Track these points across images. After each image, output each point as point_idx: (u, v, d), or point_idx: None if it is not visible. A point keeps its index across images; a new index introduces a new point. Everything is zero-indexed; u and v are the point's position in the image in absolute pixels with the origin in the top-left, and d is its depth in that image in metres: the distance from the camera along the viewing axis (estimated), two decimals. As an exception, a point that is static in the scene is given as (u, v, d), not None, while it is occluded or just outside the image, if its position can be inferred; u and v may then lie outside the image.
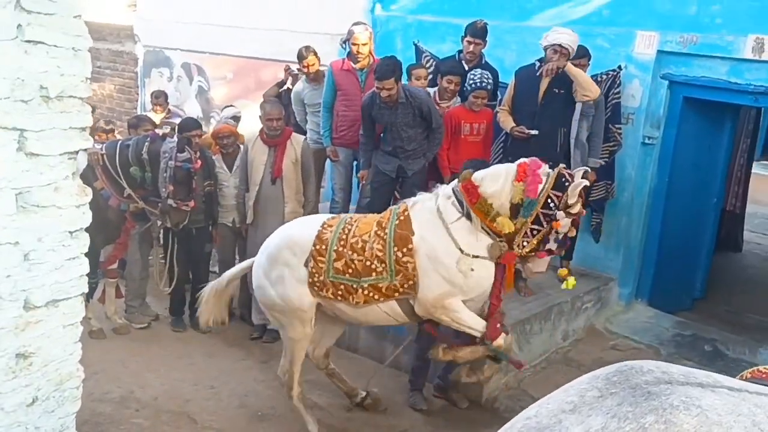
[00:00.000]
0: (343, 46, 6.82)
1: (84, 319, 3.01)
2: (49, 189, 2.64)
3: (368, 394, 5.34)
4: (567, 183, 4.12)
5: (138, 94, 10.33)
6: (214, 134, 6.84)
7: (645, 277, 6.73)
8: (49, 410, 2.79)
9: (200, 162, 6.10)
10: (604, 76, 6.27)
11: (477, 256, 4.32)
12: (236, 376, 5.80)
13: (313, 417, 4.99)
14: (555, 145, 5.81)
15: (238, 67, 9.23)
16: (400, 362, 5.83)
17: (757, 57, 5.72)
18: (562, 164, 4.29)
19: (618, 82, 6.28)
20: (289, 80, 7.46)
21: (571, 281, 6.25)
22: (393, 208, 4.61)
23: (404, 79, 6.07)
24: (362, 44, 6.44)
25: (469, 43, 6.31)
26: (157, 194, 5.99)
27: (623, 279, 6.69)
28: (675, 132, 6.39)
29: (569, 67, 5.67)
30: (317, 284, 4.54)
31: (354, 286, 4.45)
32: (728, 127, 6.79)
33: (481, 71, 6.09)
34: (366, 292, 4.44)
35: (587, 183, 4.18)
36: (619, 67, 6.29)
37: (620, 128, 6.29)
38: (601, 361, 5.98)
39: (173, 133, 6.25)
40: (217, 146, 6.68)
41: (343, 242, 4.49)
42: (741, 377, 1.80)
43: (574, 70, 5.69)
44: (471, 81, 6.02)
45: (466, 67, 6.26)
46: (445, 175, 5.88)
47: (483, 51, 6.40)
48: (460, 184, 4.36)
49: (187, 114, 8.53)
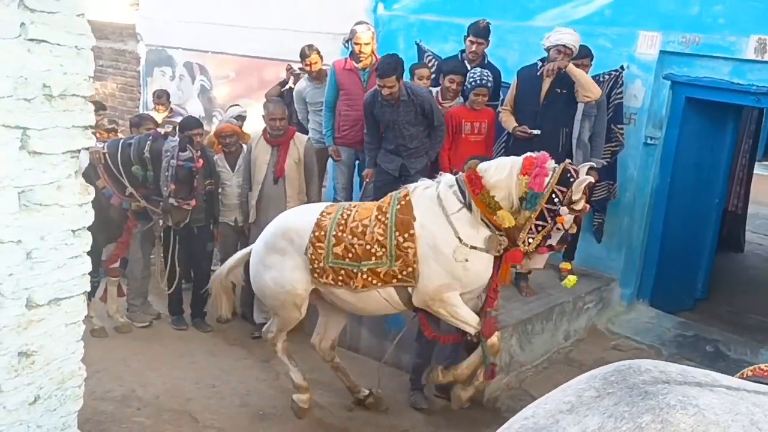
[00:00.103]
0: (346, 45, 6.82)
1: (86, 318, 3.02)
2: (52, 187, 2.64)
3: (371, 393, 5.33)
4: (572, 179, 4.10)
5: (140, 93, 10.33)
6: (216, 133, 6.84)
7: (647, 278, 6.73)
8: (51, 409, 2.79)
9: (202, 161, 6.11)
10: (606, 76, 6.27)
11: (474, 248, 4.30)
12: (238, 375, 5.80)
13: (298, 368, 5.05)
14: (557, 145, 5.80)
15: (241, 66, 9.23)
16: (401, 361, 5.84)
17: (760, 58, 5.71)
18: (568, 159, 4.27)
19: (620, 82, 6.27)
20: (291, 79, 7.46)
21: (572, 279, 6.26)
22: (394, 194, 4.59)
23: (407, 78, 6.07)
24: (365, 44, 6.45)
25: (472, 42, 6.31)
26: (158, 193, 5.99)
27: (625, 279, 6.68)
28: (677, 132, 6.39)
29: (571, 68, 5.67)
30: (317, 270, 4.55)
31: (354, 270, 4.45)
32: (730, 127, 6.79)
33: (480, 69, 6.10)
34: (365, 276, 4.43)
35: (592, 180, 4.16)
36: (622, 67, 6.28)
37: (622, 128, 6.29)
38: (603, 362, 5.91)
39: (175, 132, 6.25)
40: (220, 145, 6.68)
41: (342, 227, 4.50)
42: (742, 375, 1.79)
43: (576, 71, 5.68)
44: (471, 79, 6.03)
45: (469, 67, 6.26)
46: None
47: (485, 51, 6.40)
48: (464, 174, 4.34)
49: (189, 113, 8.53)
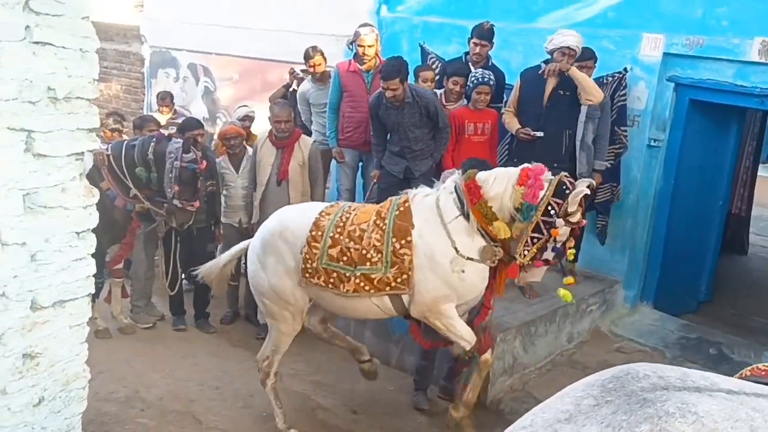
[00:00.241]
0: (350, 47, 6.83)
1: (90, 319, 3.02)
2: (57, 190, 2.65)
3: (372, 359, 5.24)
4: (568, 191, 4.07)
5: (144, 94, 10.35)
6: (220, 135, 6.85)
7: (650, 280, 6.72)
8: (56, 410, 2.80)
9: (205, 163, 6.13)
10: (609, 78, 6.27)
11: (471, 259, 4.29)
12: (241, 376, 5.80)
13: (282, 410, 4.95)
14: (560, 147, 5.81)
15: (244, 68, 9.25)
16: (405, 363, 5.84)
17: (764, 60, 5.71)
18: (564, 172, 4.24)
19: (624, 84, 6.27)
20: (294, 83, 7.47)
21: (569, 295, 6.00)
22: (393, 199, 4.55)
23: (411, 81, 6.07)
24: (368, 46, 6.46)
25: (476, 44, 6.32)
26: (162, 194, 6.00)
27: (628, 281, 6.67)
28: (681, 134, 6.38)
29: (573, 71, 5.67)
30: (309, 270, 4.48)
31: (347, 274, 4.39)
32: (734, 129, 6.77)
33: (482, 69, 6.11)
34: (357, 281, 4.38)
35: (588, 192, 4.12)
36: (625, 69, 6.28)
37: (626, 130, 6.29)
38: (606, 364, 5.92)
39: (179, 133, 6.27)
40: (224, 147, 6.69)
41: (340, 229, 4.45)
42: (740, 375, 1.78)
43: (578, 74, 5.68)
44: (473, 78, 6.04)
45: (473, 69, 6.27)
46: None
47: (489, 53, 6.40)
48: (463, 182, 4.31)
49: (193, 114, 8.55)
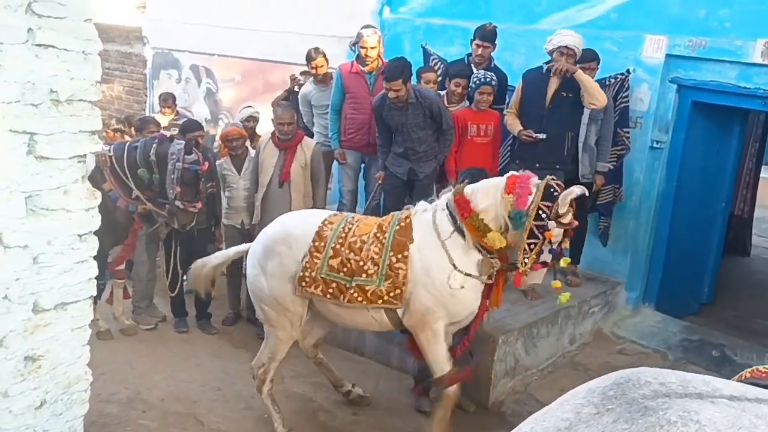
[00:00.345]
0: (352, 48, 6.83)
1: (91, 320, 3.02)
2: (59, 192, 2.65)
3: (353, 388, 5.35)
4: (556, 193, 4.09)
5: (147, 95, 10.36)
6: (222, 137, 6.85)
7: (652, 282, 6.70)
8: (57, 413, 2.80)
9: (207, 164, 6.13)
10: (612, 80, 6.25)
11: (469, 275, 4.32)
12: (243, 378, 5.77)
13: (280, 415, 4.95)
14: (562, 149, 5.80)
15: (247, 69, 9.24)
16: (406, 365, 5.83)
17: (767, 61, 5.69)
18: (550, 176, 4.27)
19: (626, 85, 6.26)
20: (296, 88, 7.47)
21: (566, 296, 6.00)
22: (396, 214, 4.60)
23: (414, 82, 6.07)
24: (371, 47, 6.46)
25: (478, 46, 6.31)
26: (164, 196, 5.99)
27: (631, 283, 6.66)
28: (683, 136, 6.36)
29: (579, 74, 5.66)
30: (306, 279, 4.49)
31: (346, 285, 4.43)
32: (737, 131, 6.76)
33: (484, 71, 6.11)
34: (352, 292, 4.41)
35: (578, 192, 4.12)
36: (628, 70, 6.26)
37: (628, 132, 6.27)
38: (608, 366, 5.97)
39: (180, 135, 6.27)
40: (226, 148, 6.69)
41: (341, 240, 4.47)
42: (740, 377, 1.77)
43: (583, 77, 5.68)
44: (475, 79, 6.05)
45: (475, 70, 6.26)
46: (451, 179, 5.86)
47: (492, 54, 6.40)
48: (452, 198, 4.36)
49: (196, 116, 8.55)
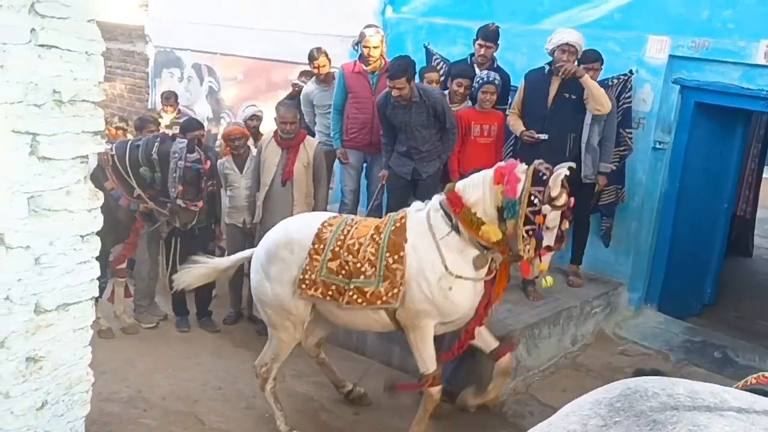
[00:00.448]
0: (355, 48, 6.83)
1: (93, 319, 3.01)
2: (61, 193, 2.64)
3: (354, 388, 5.39)
4: (545, 177, 4.09)
5: (149, 94, 10.36)
6: (224, 136, 6.84)
7: (655, 282, 6.69)
8: (59, 414, 2.80)
9: (209, 163, 6.12)
10: (615, 80, 6.24)
11: (460, 277, 4.33)
12: (244, 377, 5.78)
13: (283, 413, 4.97)
14: (564, 150, 5.78)
15: (249, 68, 9.23)
16: (408, 365, 5.82)
17: (770, 62, 5.69)
18: (538, 160, 4.26)
19: (629, 86, 6.25)
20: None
21: (549, 280, 5.91)
22: (392, 215, 4.62)
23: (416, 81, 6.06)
24: (374, 47, 6.45)
25: (481, 46, 6.30)
26: (166, 194, 6.00)
27: (633, 284, 6.64)
28: (686, 137, 6.35)
29: (585, 79, 5.65)
30: (307, 281, 4.51)
31: (345, 287, 4.45)
32: (740, 132, 6.74)
33: (487, 71, 6.11)
34: (351, 293, 4.42)
35: (567, 172, 4.12)
36: (631, 71, 6.25)
37: (631, 133, 6.26)
38: (610, 366, 5.97)
39: (180, 134, 6.28)
40: (228, 147, 6.69)
41: (340, 243, 4.49)
42: (745, 383, 1.76)
43: (590, 83, 5.67)
44: (478, 78, 6.06)
45: (478, 71, 6.26)
46: (454, 178, 5.85)
47: (494, 54, 6.39)
48: (445, 196, 4.37)
49: (198, 115, 8.56)
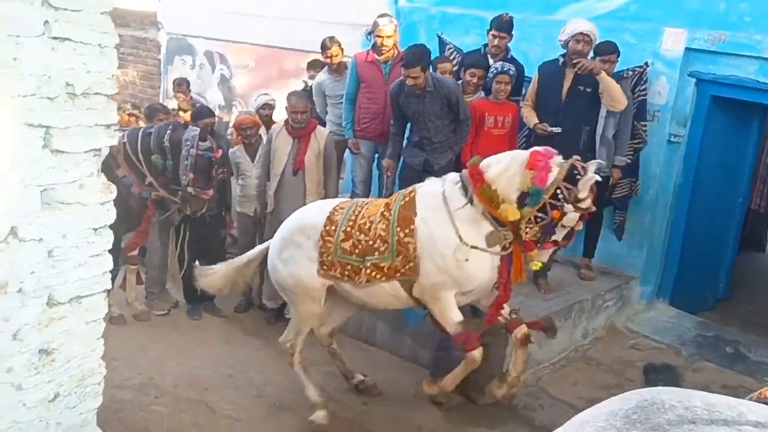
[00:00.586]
0: (368, 38, 6.79)
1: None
2: (74, 186, 2.64)
3: (365, 379, 5.43)
4: (579, 176, 4.06)
5: (161, 81, 10.35)
6: (236, 125, 6.84)
7: (667, 276, 6.65)
8: (71, 406, 2.81)
9: (221, 151, 6.12)
10: (630, 73, 6.18)
11: (475, 247, 4.30)
12: (254, 365, 5.82)
13: (313, 383, 5.04)
14: (578, 143, 5.73)
15: (260, 56, 9.21)
16: (419, 356, 5.83)
17: (787, 56, 5.63)
18: (576, 156, 4.22)
19: (644, 78, 6.19)
20: (308, 82, 7.46)
21: (537, 264, 5.73)
22: (401, 191, 4.64)
23: (429, 71, 6.03)
24: (387, 36, 6.41)
25: (494, 36, 6.26)
26: (177, 182, 6.00)
27: (645, 278, 6.60)
28: (701, 130, 6.29)
29: (602, 76, 5.60)
30: (325, 264, 4.61)
31: (360, 266, 4.50)
32: (755, 126, 6.66)
33: (501, 61, 6.07)
34: (368, 271, 4.48)
35: (599, 178, 4.11)
36: (646, 63, 6.19)
37: (645, 125, 6.22)
38: (621, 360, 5.95)
39: (192, 121, 6.29)
40: (240, 137, 6.68)
41: (351, 223, 4.55)
42: (760, 396, 1.74)
43: (606, 79, 5.62)
44: (493, 69, 6.03)
45: (492, 61, 6.21)
46: (467, 170, 5.84)
47: (509, 45, 6.34)
48: (467, 170, 4.36)
49: (209, 102, 8.56)
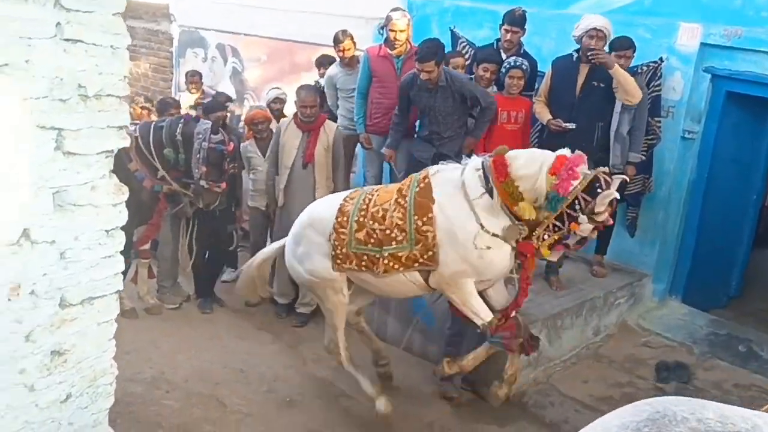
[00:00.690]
0: (381, 32, 6.76)
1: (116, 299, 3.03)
2: (86, 188, 2.64)
3: (389, 363, 5.38)
4: (600, 189, 3.97)
5: (173, 73, 10.35)
6: (247, 120, 6.85)
7: (680, 274, 6.61)
8: (83, 406, 2.83)
9: (233, 144, 6.13)
10: (644, 68, 6.13)
11: (496, 235, 4.22)
12: (265, 360, 5.84)
13: (367, 377, 5.03)
14: (592, 140, 5.71)
15: (272, 50, 9.18)
16: (428, 353, 5.83)
17: (804, 52, 5.57)
18: (602, 168, 4.14)
19: (659, 74, 6.14)
20: (320, 81, 7.45)
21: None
22: (414, 175, 4.54)
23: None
24: (400, 31, 6.37)
25: (507, 31, 6.21)
26: (189, 175, 6.01)
27: (658, 275, 6.58)
28: (716, 126, 6.24)
29: (617, 70, 5.55)
30: (340, 257, 4.55)
31: (377, 255, 4.42)
32: (771, 122, 6.63)
33: (515, 56, 6.04)
34: (386, 261, 4.39)
35: (617, 196, 4.04)
36: (661, 59, 6.14)
37: (660, 121, 6.17)
38: (633, 358, 5.94)
39: (204, 114, 6.29)
40: (251, 131, 6.68)
41: (363, 212, 4.48)
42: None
43: (620, 72, 5.57)
44: (506, 63, 6.00)
45: (504, 56, 6.18)
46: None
47: (522, 39, 6.30)
48: (491, 159, 4.24)
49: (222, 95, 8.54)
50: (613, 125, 5.85)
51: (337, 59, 7.07)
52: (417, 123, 6.34)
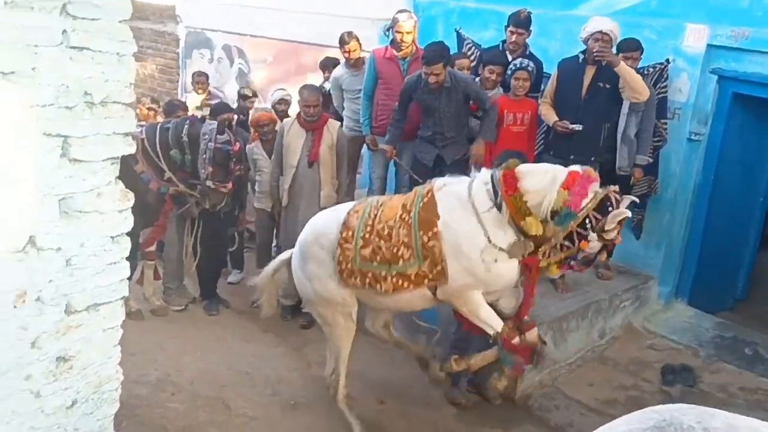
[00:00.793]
0: (386, 34, 6.76)
1: (123, 301, 3.03)
2: (92, 195, 2.64)
3: (435, 356, 5.24)
4: (611, 208, 3.95)
5: (179, 74, 10.38)
6: (253, 122, 6.85)
7: (686, 276, 6.60)
8: (88, 412, 2.83)
9: (239, 145, 6.13)
10: (651, 69, 6.12)
11: (503, 250, 4.19)
12: (271, 362, 5.84)
13: (358, 420, 4.92)
14: (598, 141, 5.71)
15: (278, 51, 9.20)
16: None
17: (812, 54, 5.55)
18: (613, 186, 4.10)
19: (665, 75, 6.13)
20: (326, 84, 7.45)
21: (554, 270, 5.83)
22: (418, 189, 4.50)
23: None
24: (406, 32, 6.38)
25: (512, 33, 6.21)
26: (196, 176, 6.01)
27: (663, 277, 6.56)
28: (722, 128, 6.22)
29: (622, 67, 5.53)
30: (345, 272, 4.48)
31: (383, 273, 4.36)
32: (777, 124, 6.61)
33: (520, 58, 6.03)
34: (394, 280, 4.34)
35: (629, 214, 4.02)
36: (667, 60, 6.13)
37: (666, 123, 6.15)
38: (638, 361, 5.92)
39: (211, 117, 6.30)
40: (257, 134, 6.69)
41: (369, 228, 4.41)
42: None
43: (626, 71, 5.55)
44: (512, 65, 6.01)
45: (510, 58, 6.17)
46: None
47: (527, 41, 6.29)
48: (501, 172, 4.19)
49: (227, 96, 8.57)
50: (620, 127, 5.83)
51: (343, 60, 7.09)
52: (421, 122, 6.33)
